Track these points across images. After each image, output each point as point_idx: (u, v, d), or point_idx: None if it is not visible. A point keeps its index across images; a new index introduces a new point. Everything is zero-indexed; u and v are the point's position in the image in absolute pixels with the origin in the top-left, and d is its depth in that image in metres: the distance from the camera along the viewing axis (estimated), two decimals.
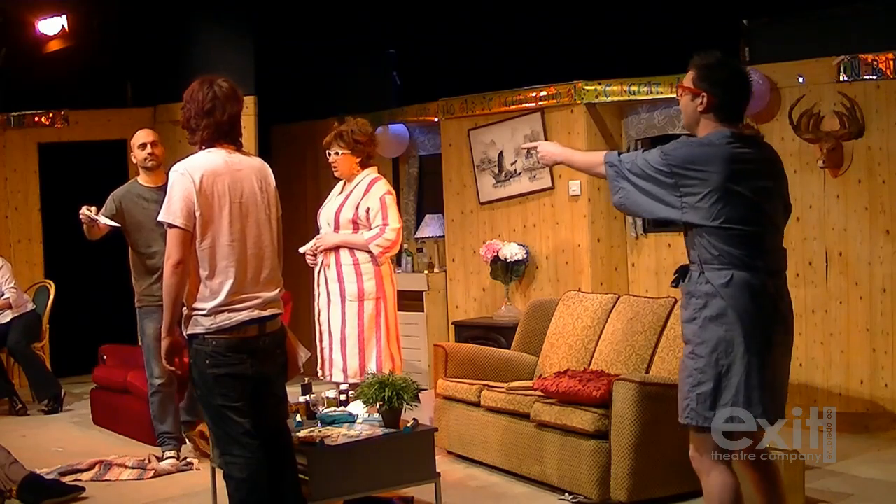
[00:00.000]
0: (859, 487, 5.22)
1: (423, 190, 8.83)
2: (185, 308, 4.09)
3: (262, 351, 4.12)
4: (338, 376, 5.74)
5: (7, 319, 8.06)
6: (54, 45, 8.98)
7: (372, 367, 5.68)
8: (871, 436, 6.18)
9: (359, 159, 5.87)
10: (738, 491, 3.64)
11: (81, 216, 6.04)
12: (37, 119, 9.23)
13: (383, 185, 5.87)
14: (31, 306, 8.28)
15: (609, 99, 7.20)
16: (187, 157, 4.17)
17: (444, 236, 8.32)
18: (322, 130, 9.36)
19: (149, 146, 6.30)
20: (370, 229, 5.75)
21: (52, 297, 8.52)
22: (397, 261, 8.68)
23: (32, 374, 8.06)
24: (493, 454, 5.74)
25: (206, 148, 4.15)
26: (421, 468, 4.78)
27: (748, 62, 6.68)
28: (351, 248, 5.73)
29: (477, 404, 5.83)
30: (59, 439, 7.02)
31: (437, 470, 4.84)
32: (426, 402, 5.68)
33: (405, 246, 8.71)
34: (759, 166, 3.71)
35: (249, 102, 8.70)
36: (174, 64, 8.95)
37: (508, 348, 6.59)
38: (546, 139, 7.46)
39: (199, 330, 4.04)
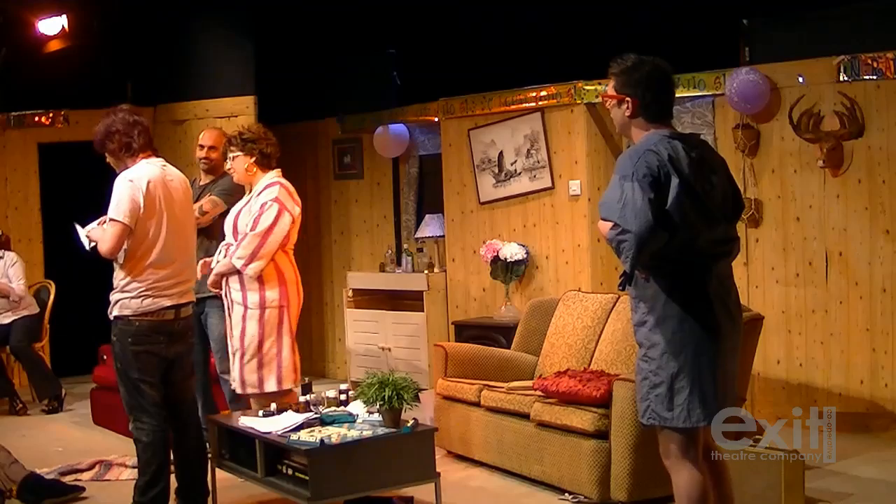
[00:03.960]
0: (859, 487, 5.22)
1: (423, 190, 8.82)
2: (113, 293, 4.72)
3: (176, 333, 4.78)
4: (238, 388, 5.50)
5: (9, 320, 8.07)
6: (54, 45, 8.97)
7: (272, 381, 5.40)
8: (871, 436, 6.18)
9: (252, 159, 5.52)
10: (704, 486, 3.67)
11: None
12: (37, 119, 9.22)
13: (274, 191, 5.49)
14: (35, 310, 8.27)
15: None
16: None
17: (444, 236, 8.31)
18: (322, 130, 9.42)
19: (205, 149, 6.45)
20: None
21: (52, 297, 8.51)
22: (397, 260, 8.68)
23: (34, 374, 8.06)
24: (493, 454, 5.74)
25: (143, 157, 4.74)
26: (421, 468, 4.78)
27: (748, 62, 6.69)
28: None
29: (477, 404, 5.83)
30: (60, 439, 7.02)
31: (437, 470, 4.84)
32: (426, 402, 5.68)
33: (405, 246, 8.71)
34: (701, 160, 3.65)
35: (249, 102, 8.71)
36: (174, 64, 8.96)
37: (508, 348, 6.59)
38: (546, 139, 7.47)
39: (126, 312, 4.67)
